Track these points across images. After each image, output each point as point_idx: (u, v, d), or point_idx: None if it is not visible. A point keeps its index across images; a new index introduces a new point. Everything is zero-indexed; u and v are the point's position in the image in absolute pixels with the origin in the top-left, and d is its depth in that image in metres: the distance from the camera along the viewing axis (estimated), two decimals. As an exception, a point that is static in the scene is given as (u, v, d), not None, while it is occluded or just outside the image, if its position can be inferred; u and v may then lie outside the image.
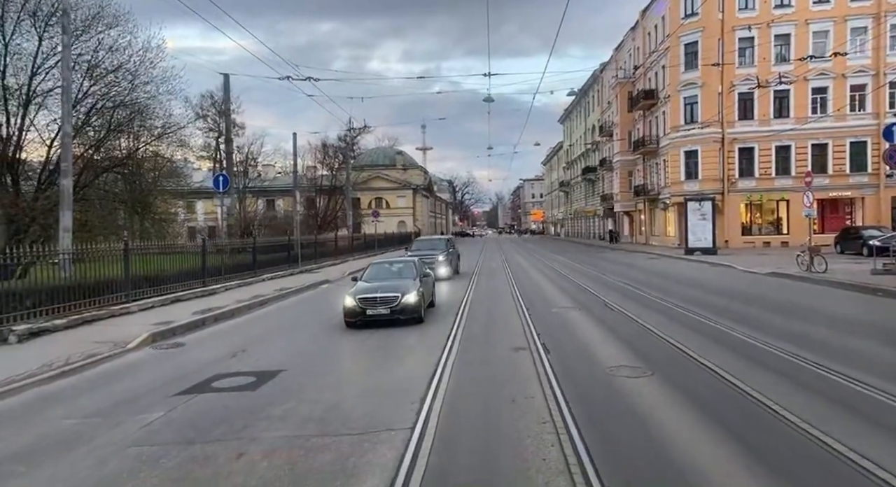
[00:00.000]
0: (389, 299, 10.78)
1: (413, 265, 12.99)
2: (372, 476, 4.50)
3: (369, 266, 13.51)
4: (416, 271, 12.56)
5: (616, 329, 10.52)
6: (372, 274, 12.67)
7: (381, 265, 13.50)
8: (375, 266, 13.39)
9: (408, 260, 13.73)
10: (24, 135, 20.18)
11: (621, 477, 4.33)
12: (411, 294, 11.03)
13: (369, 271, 12.98)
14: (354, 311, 10.80)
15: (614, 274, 21.64)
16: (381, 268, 13.14)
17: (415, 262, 13.27)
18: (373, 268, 13.17)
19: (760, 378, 6.86)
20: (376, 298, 10.79)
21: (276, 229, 38.32)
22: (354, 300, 10.85)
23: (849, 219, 36.01)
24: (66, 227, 13.68)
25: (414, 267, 12.78)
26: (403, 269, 12.85)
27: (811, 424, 5.23)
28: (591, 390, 6.69)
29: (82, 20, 19.26)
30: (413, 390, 6.74)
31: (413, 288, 11.27)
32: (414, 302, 10.98)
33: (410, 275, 12.26)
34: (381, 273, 12.82)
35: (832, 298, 14.11)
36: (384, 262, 13.88)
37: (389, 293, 10.92)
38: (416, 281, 11.83)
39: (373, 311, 10.69)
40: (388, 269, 13.03)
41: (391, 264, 13.51)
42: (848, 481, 4.25)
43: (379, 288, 11.24)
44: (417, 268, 12.75)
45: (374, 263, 13.66)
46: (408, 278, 12.07)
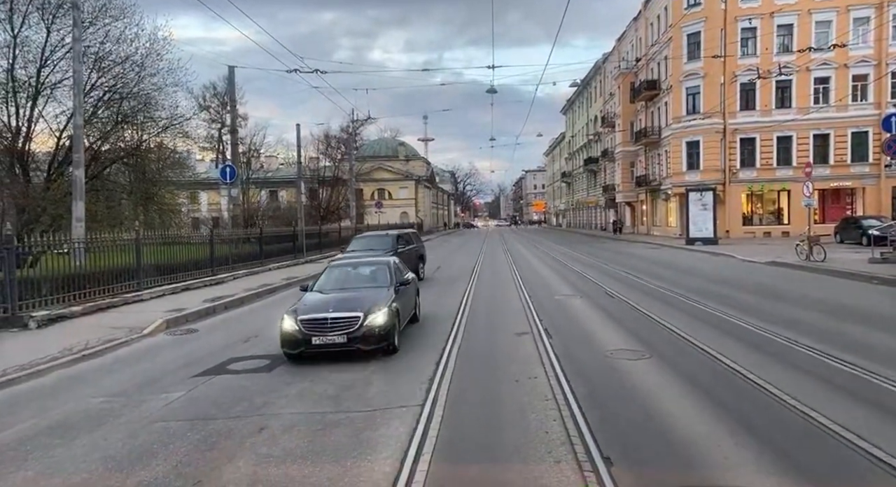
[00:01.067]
0: (346, 321, 7.60)
1: (388, 268, 9.62)
2: (386, 447, 4.82)
3: (326, 268, 9.98)
4: (391, 276, 9.36)
5: (617, 315, 10.82)
6: (329, 281, 9.38)
7: (342, 267, 10.06)
8: (335, 268, 9.90)
9: (381, 262, 10.18)
10: (34, 126, 20.48)
11: (619, 447, 4.64)
12: (379, 312, 7.82)
13: (326, 276, 9.60)
14: (294, 339, 7.60)
15: (616, 263, 21.93)
16: (343, 273, 9.78)
17: (390, 264, 9.83)
18: (331, 272, 9.72)
19: (755, 360, 7.17)
20: (327, 320, 7.60)
21: (279, 220, 38.62)
22: (295, 322, 7.61)
23: (849, 209, 36.20)
24: (78, 217, 14.00)
25: (388, 271, 9.49)
26: (375, 273, 9.60)
27: (800, 401, 5.55)
28: (592, 371, 7.00)
29: (90, 12, 19.48)
30: (422, 371, 7.08)
31: (383, 304, 8.07)
32: (382, 324, 7.75)
33: (383, 282, 9.18)
34: (341, 279, 9.50)
35: (829, 286, 14.39)
36: (347, 263, 10.42)
37: (346, 312, 7.73)
38: (390, 292, 8.72)
39: (322, 339, 7.52)
40: (352, 274, 9.74)
41: (355, 267, 10.06)
42: (832, 450, 4.56)
43: (333, 303, 8.11)
44: (393, 273, 9.50)
45: (332, 264, 10.21)
46: (379, 286, 9.01)
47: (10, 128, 20.01)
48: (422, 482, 4.14)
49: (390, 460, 4.54)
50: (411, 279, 10.20)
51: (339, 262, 10.54)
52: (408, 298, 9.66)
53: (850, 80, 35.44)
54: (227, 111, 35.29)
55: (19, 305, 10.47)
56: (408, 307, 9.57)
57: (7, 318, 10.24)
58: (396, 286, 9.09)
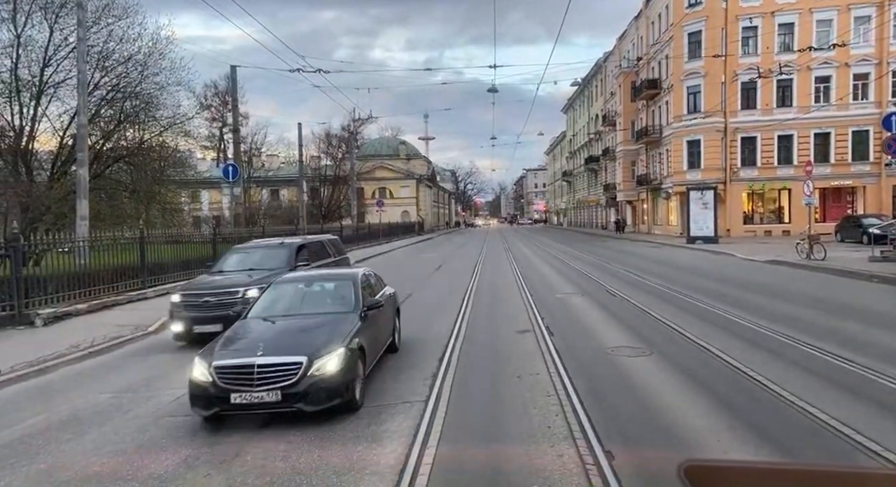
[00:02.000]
0: (282, 370, 5.35)
1: (353, 285, 7.18)
2: (391, 441, 4.91)
3: (270, 285, 7.59)
4: (357, 297, 6.94)
5: (617, 313, 10.90)
6: (271, 305, 6.98)
7: (291, 284, 7.56)
8: (282, 285, 7.50)
9: (345, 275, 7.78)
10: (37, 125, 20.55)
11: (620, 441, 4.73)
12: (332, 354, 5.54)
13: (268, 297, 7.18)
14: (205, 395, 5.36)
15: (617, 262, 22.01)
16: (291, 291, 7.33)
17: (357, 279, 7.37)
18: (276, 291, 7.31)
19: (753, 356, 7.25)
20: (253, 369, 5.35)
21: (281, 219, 38.81)
22: (208, 370, 5.41)
23: (850, 208, 36.23)
24: (82, 216, 14.08)
25: (354, 290, 7.07)
26: (335, 293, 7.25)
27: (799, 396, 5.63)
28: (593, 368, 7.08)
29: (93, 12, 19.48)
30: (425, 368, 7.18)
31: (339, 341, 5.77)
32: (335, 373, 5.46)
33: (345, 305, 6.82)
34: (288, 300, 7.09)
35: (829, 285, 14.46)
36: (299, 278, 7.92)
37: (283, 355, 5.50)
38: (354, 321, 6.36)
39: (245, 397, 5.25)
40: (303, 293, 7.29)
41: (309, 284, 7.59)
42: (830, 444, 4.64)
43: (266, 340, 5.89)
44: (360, 291, 7.08)
45: (278, 280, 7.72)
46: (339, 312, 6.65)
47: (13, 127, 20.07)
48: (427, 474, 4.23)
49: (395, 453, 4.63)
50: (389, 295, 8.25)
51: (288, 277, 8.06)
52: (381, 326, 7.28)
53: (850, 79, 35.45)
54: (229, 110, 35.44)
55: (26, 303, 10.58)
56: (380, 338, 7.24)
57: (14, 316, 10.34)
58: (364, 311, 6.66)
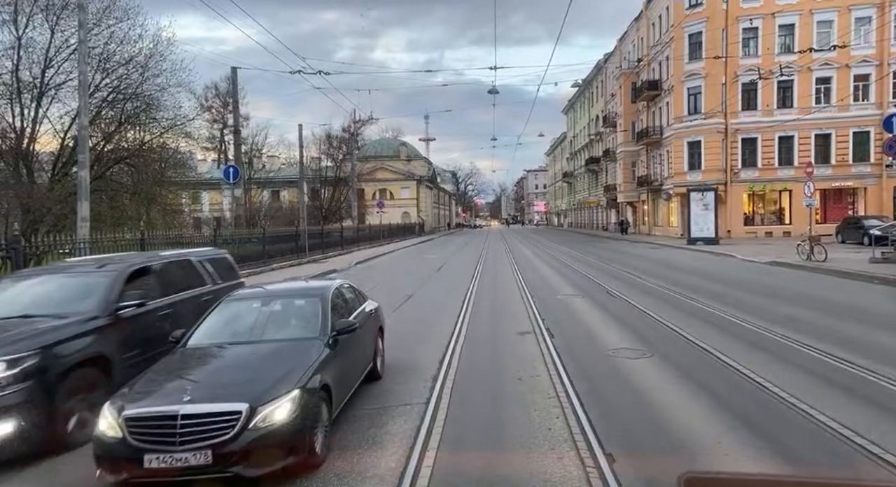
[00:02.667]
0: (214, 422, 4.14)
1: (320, 303, 5.86)
2: (391, 444, 4.91)
3: (219, 302, 6.14)
4: (325, 319, 5.65)
5: (618, 314, 10.90)
6: (218, 328, 5.68)
7: (247, 301, 6.22)
8: (233, 303, 6.10)
9: (312, 291, 6.36)
10: (38, 127, 20.57)
11: (621, 443, 4.73)
12: (282, 400, 4.34)
13: (216, 317, 5.84)
14: (113, 454, 4.17)
15: (617, 263, 22.01)
16: (245, 311, 5.99)
17: (326, 296, 6.01)
18: (224, 311, 5.94)
19: (753, 358, 7.26)
20: (176, 420, 4.13)
21: (281, 220, 38.83)
22: (116, 421, 4.21)
23: (851, 209, 36.23)
24: (83, 217, 14.07)
25: (320, 310, 5.76)
26: (298, 313, 5.90)
27: (799, 398, 5.64)
28: (594, 369, 7.08)
29: (94, 13, 19.52)
30: (426, 370, 7.18)
31: (294, 379, 4.55)
32: (285, 423, 4.27)
33: (308, 330, 5.54)
34: (240, 323, 5.78)
35: (829, 286, 14.45)
36: (254, 295, 6.45)
37: (216, 402, 4.27)
38: (317, 350, 5.12)
39: (163, 459, 4.04)
40: (259, 314, 5.90)
41: (267, 302, 6.12)
42: (830, 446, 4.65)
43: (194, 382, 4.63)
44: (328, 311, 5.76)
45: (230, 297, 6.26)
46: (300, 339, 5.38)
47: (14, 129, 20.11)
48: (427, 477, 4.23)
49: (396, 456, 4.63)
50: (369, 313, 6.82)
51: (242, 293, 6.53)
52: (355, 353, 5.88)
53: (851, 80, 35.48)
54: (229, 111, 35.47)
55: (26, 304, 10.56)
56: (354, 369, 5.88)
57: (14, 317, 10.32)
58: (332, 336, 5.36)
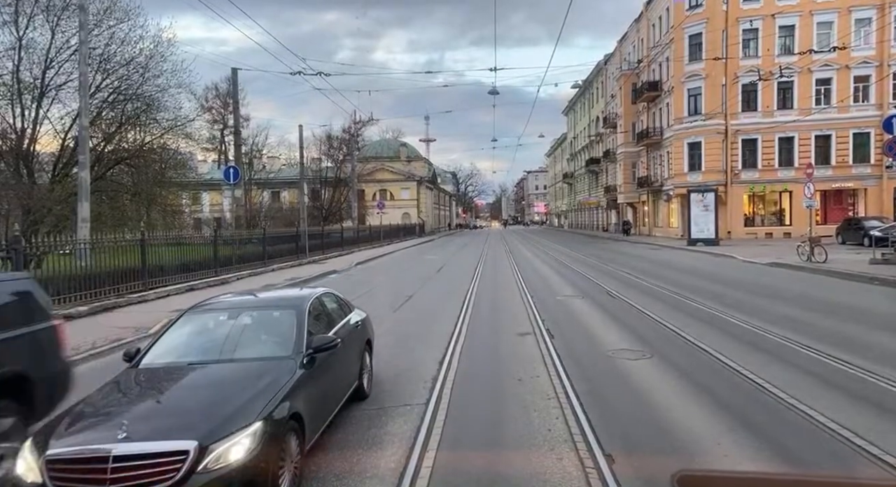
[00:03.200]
0: (154, 464, 3.25)
1: (296, 317, 5.13)
2: (391, 444, 4.91)
3: (183, 313, 5.45)
4: (299, 334, 4.93)
5: (618, 315, 10.90)
6: (174, 345, 4.99)
7: (212, 313, 5.48)
8: (196, 314, 5.41)
9: (287, 301, 5.78)
10: (39, 127, 20.61)
11: (620, 444, 4.73)
12: (238, 437, 3.50)
13: (172, 334, 5.13)
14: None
15: (617, 264, 22.01)
16: (209, 323, 5.33)
17: (302, 308, 5.27)
18: (186, 324, 5.26)
19: (753, 359, 7.26)
20: (107, 462, 3.22)
21: (281, 220, 38.83)
22: (37, 464, 3.34)
23: (851, 210, 36.22)
24: (84, 218, 14.11)
25: (296, 324, 5.04)
26: (270, 329, 5.19)
27: (799, 399, 5.63)
28: (594, 370, 7.08)
29: (95, 14, 19.56)
30: (425, 370, 7.18)
31: (254, 411, 3.71)
32: (243, 463, 3.42)
33: (280, 348, 4.83)
34: (202, 335, 5.16)
35: (829, 287, 14.45)
36: (221, 305, 5.67)
37: (156, 441, 3.37)
38: (291, 371, 4.43)
39: None
40: (226, 328, 5.20)
41: (236, 315, 5.35)
42: (829, 446, 4.64)
43: (134, 415, 3.77)
44: (305, 327, 5.02)
45: (193, 310, 5.50)
46: (269, 358, 4.69)
47: (15, 130, 20.15)
48: (427, 477, 4.23)
49: (396, 456, 4.63)
50: (355, 325, 6.04)
51: (208, 304, 5.67)
52: (336, 373, 5.16)
53: (851, 81, 35.49)
54: (230, 112, 35.48)
55: (26, 305, 10.57)
56: (335, 390, 5.13)
57: (15, 318, 10.33)
58: (308, 354, 4.63)
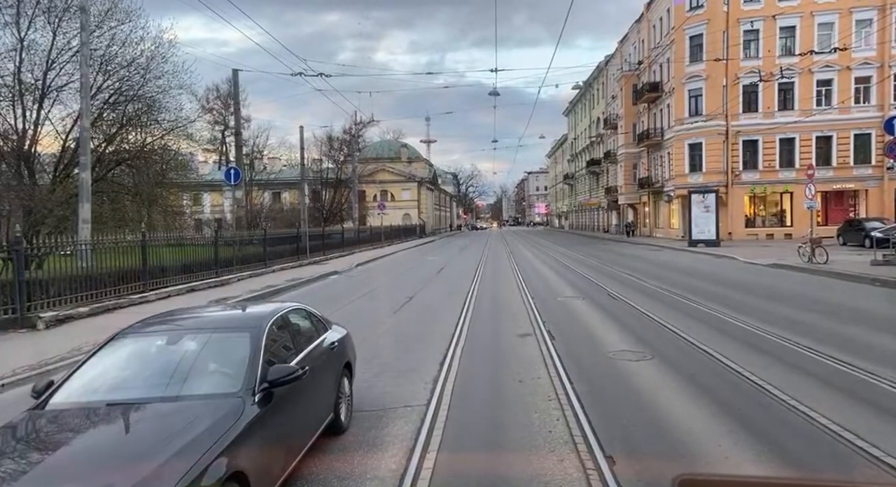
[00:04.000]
0: None
1: (249, 340, 4.09)
2: (392, 445, 4.90)
3: (114, 337, 4.34)
4: (251, 364, 3.84)
5: (619, 317, 10.89)
6: (97, 378, 3.95)
7: (148, 337, 4.39)
8: (129, 338, 4.30)
9: (241, 323, 4.76)
10: (40, 128, 20.60)
11: (621, 446, 4.72)
12: None
13: (96, 363, 4.07)
14: None
15: (618, 265, 22.00)
16: (142, 350, 4.24)
17: (261, 328, 4.26)
18: (115, 350, 4.18)
19: (754, 360, 7.25)
20: None
21: (282, 221, 38.86)
22: None
23: (852, 211, 36.19)
24: (85, 219, 14.10)
25: (249, 350, 3.98)
26: (218, 351, 4.16)
27: (799, 401, 5.62)
28: (595, 372, 7.07)
29: (96, 16, 19.55)
30: (426, 371, 7.18)
31: (171, 481, 2.63)
32: None
33: (228, 379, 3.81)
34: (131, 365, 4.10)
35: (830, 288, 14.44)
36: (161, 327, 4.66)
37: None
38: (236, 414, 3.37)
39: None
40: (164, 353, 4.19)
41: (176, 340, 4.29)
42: (830, 448, 4.63)
43: (11, 482, 2.65)
44: (258, 351, 3.97)
45: (127, 332, 4.40)
46: (211, 392, 3.67)
47: (16, 131, 20.13)
48: (427, 478, 4.22)
49: (396, 458, 4.62)
50: (330, 346, 5.22)
51: (144, 325, 4.64)
52: (302, 408, 4.30)
53: (852, 83, 35.49)
54: (231, 113, 35.47)
55: (28, 306, 10.58)
56: (298, 432, 4.22)
57: (16, 319, 10.34)
58: (263, 389, 3.73)
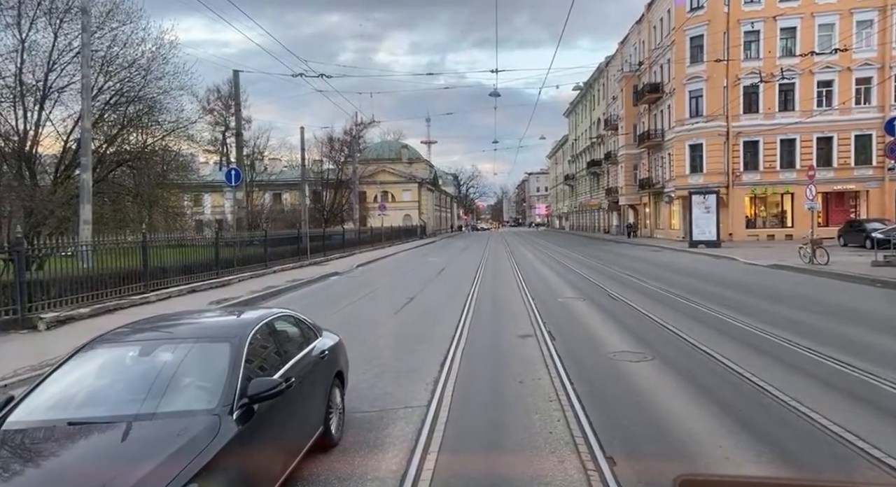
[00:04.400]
0: None
1: (229, 351, 3.75)
2: (392, 447, 4.90)
3: (82, 347, 4.08)
4: (230, 378, 3.52)
5: (619, 317, 10.89)
6: (61, 394, 3.57)
7: (120, 348, 4.06)
8: (99, 349, 4.01)
9: (220, 332, 4.25)
10: (41, 129, 20.63)
11: (622, 446, 4.72)
12: None
13: (60, 377, 3.74)
14: None
15: (618, 266, 21.99)
16: (114, 361, 3.93)
17: (242, 338, 3.91)
18: (82, 363, 3.88)
19: (754, 361, 7.25)
20: None
21: (283, 222, 38.88)
22: None
23: (853, 212, 36.17)
24: (86, 220, 14.13)
25: (227, 362, 3.64)
26: (195, 363, 3.79)
27: (800, 402, 5.62)
28: (595, 373, 7.07)
29: (97, 17, 19.59)
30: (427, 371, 7.18)
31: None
32: None
33: (203, 394, 3.49)
34: (101, 379, 3.81)
35: (831, 289, 14.43)
36: (134, 337, 4.28)
37: None
38: (209, 434, 3.03)
39: None
40: (137, 365, 3.85)
41: (150, 351, 3.91)
42: (830, 449, 4.63)
43: None
44: (238, 363, 3.63)
45: (95, 342, 4.13)
46: (184, 408, 3.32)
47: (17, 132, 20.16)
48: (428, 480, 4.23)
49: (397, 459, 4.63)
50: (319, 355, 4.95)
51: (116, 333, 4.37)
52: (288, 423, 3.99)
53: (853, 83, 35.47)
54: (231, 114, 35.50)
55: (28, 307, 10.59)
56: (282, 450, 3.89)
57: (17, 320, 10.35)
58: (243, 406, 3.42)
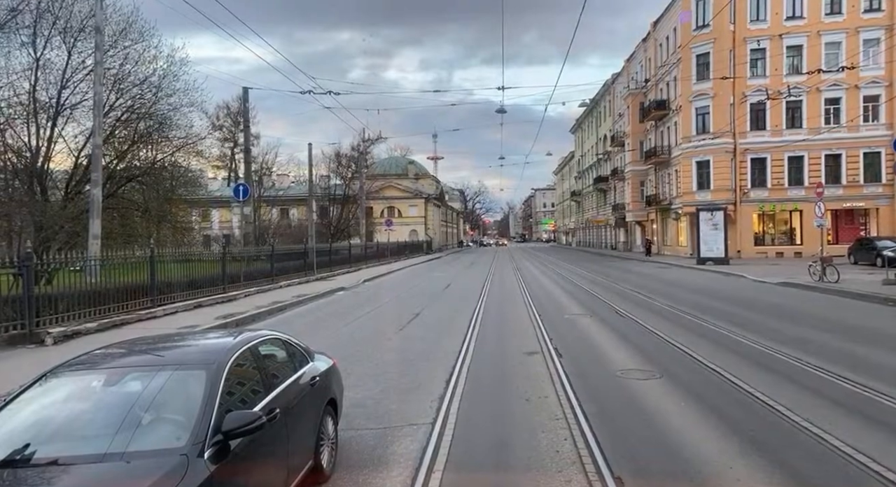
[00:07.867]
0: None
1: (204, 379, 3.33)
2: (397, 465, 4.85)
3: (43, 375, 3.52)
4: (202, 411, 3.08)
5: (627, 335, 10.80)
6: (25, 424, 3.13)
7: (86, 375, 3.56)
8: (62, 377, 3.52)
9: (195, 358, 3.75)
10: (53, 146, 20.89)
11: (629, 467, 4.65)
12: None
13: (25, 406, 3.27)
14: None
15: (626, 282, 21.87)
16: (78, 391, 3.42)
17: (220, 365, 3.48)
18: (50, 388, 3.42)
19: (764, 380, 7.15)
20: None
21: (290, 237, 39.03)
22: None
23: (863, 230, 35.93)
24: (95, 235, 14.23)
25: (202, 393, 3.22)
26: (164, 394, 3.28)
27: (811, 422, 5.53)
28: (603, 391, 7.00)
29: (110, 35, 19.94)
30: (432, 390, 7.13)
31: None
32: None
33: (173, 429, 3.05)
34: (63, 412, 3.26)
35: (842, 307, 14.27)
36: (98, 366, 3.69)
37: None
38: (179, 473, 2.68)
39: None
40: (103, 395, 3.36)
41: (118, 380, 3.44)
42: (843, 470, 4.54)
43: None
44: (214, 395, 3.21)
45: (59, 368, 3.60)
46: (150, 448, 2.88)
47: (30, 148, 20.44)
48: (433, 499, 4.17)
49: (402, 477, 4.57)
50: (310, 382, 4.56)
51: (81, 360, 3.82)
52: (272, 458, 3.66)
53: (861, 101, 35.47)
54: (240, 130, 35.89)
55: (36, 321, 10.63)
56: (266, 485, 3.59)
57: (24, 334, 10.38)
58: (217, 443, 2.98)
